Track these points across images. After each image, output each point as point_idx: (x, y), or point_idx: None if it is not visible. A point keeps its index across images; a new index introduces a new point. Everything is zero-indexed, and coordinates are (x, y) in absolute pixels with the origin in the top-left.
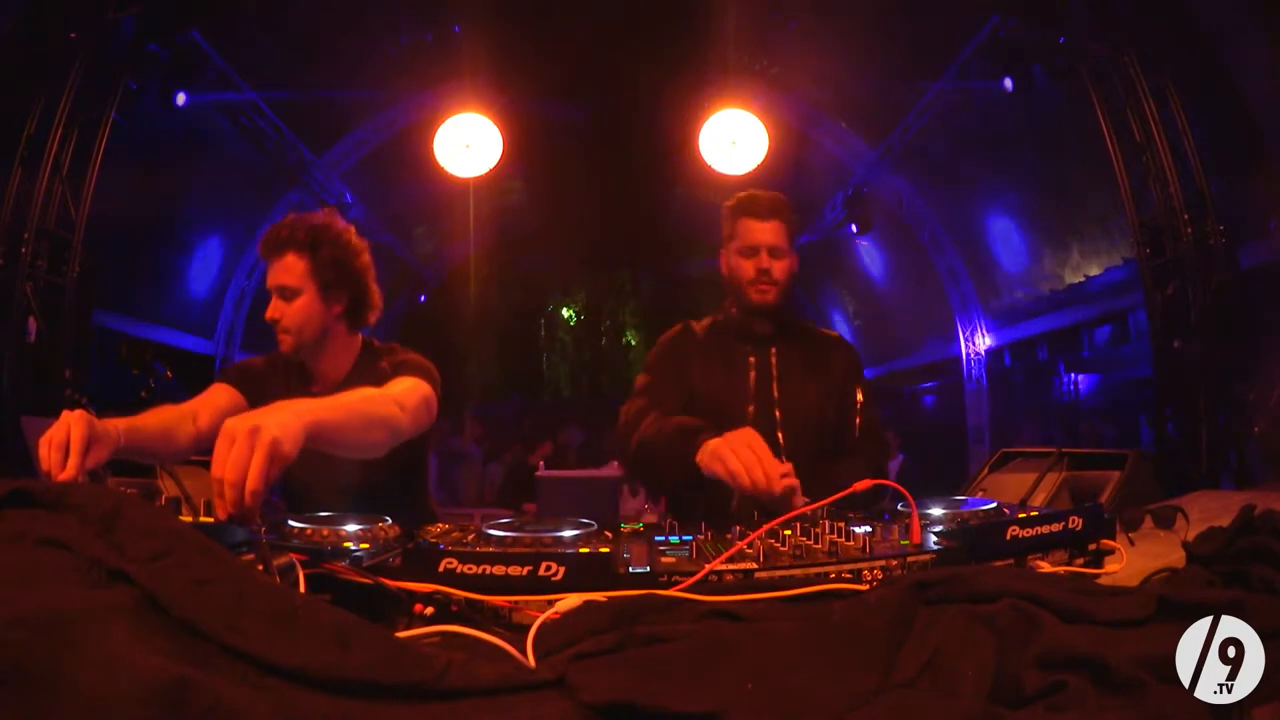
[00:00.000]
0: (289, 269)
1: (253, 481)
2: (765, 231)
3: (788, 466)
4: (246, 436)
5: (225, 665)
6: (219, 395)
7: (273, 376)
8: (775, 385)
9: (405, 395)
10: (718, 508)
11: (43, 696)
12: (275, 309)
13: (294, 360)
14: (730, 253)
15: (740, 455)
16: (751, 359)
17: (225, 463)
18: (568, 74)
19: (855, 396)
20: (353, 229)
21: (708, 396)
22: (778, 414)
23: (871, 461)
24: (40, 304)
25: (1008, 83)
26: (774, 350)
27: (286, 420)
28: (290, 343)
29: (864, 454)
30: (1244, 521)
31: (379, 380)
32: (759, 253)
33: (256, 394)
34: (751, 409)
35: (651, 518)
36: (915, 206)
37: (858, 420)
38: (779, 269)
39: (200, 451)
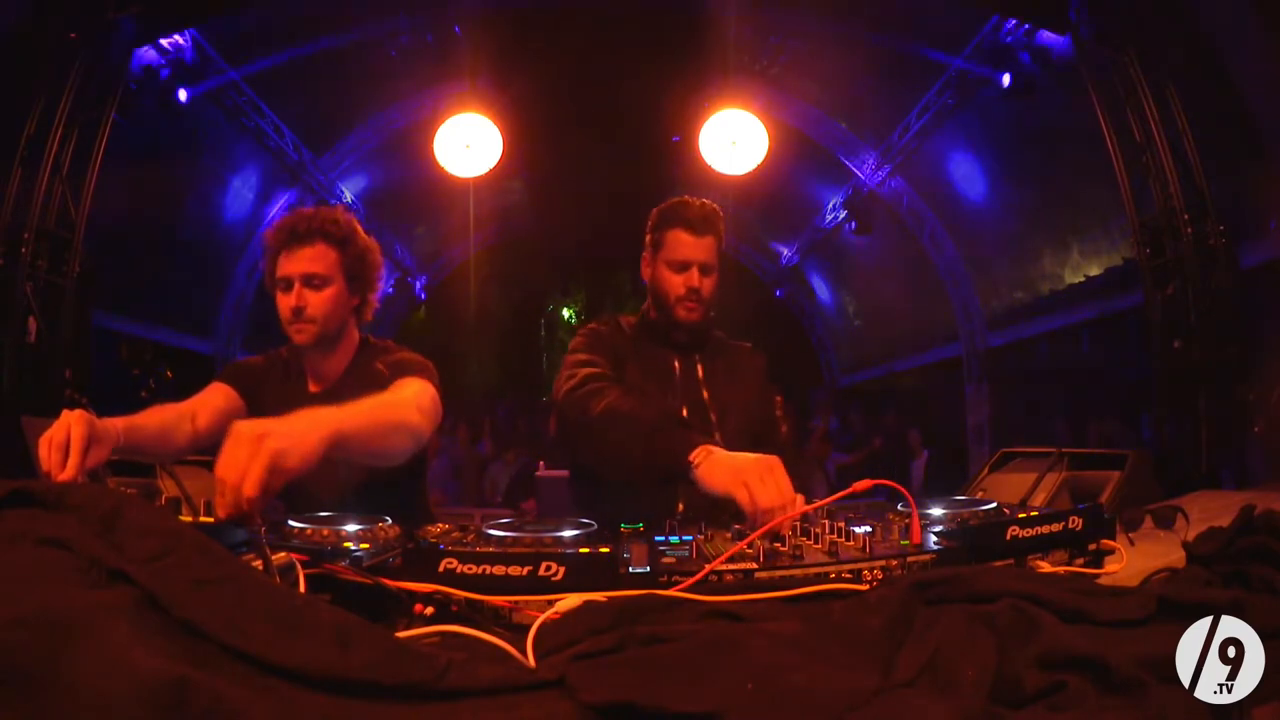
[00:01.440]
0: (321, 257)
1: (248, 487)
2: (697, 248)
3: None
4: (251, 442)
5: (225, 665)
6: (216, 395)
7: (270, 376)
8: (704, 390)
9: (419, 397)
10: (662, 505)
11: (43, 696)
12: (299, 297)
13: (293, 358)
14: (658, 262)
15: (768, 489)
16: (676, 364)
17: (228, 463)
18: (568, 74)
19: (775, 402)
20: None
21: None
22: (713, 417)
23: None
24: (40, 304)
25: (1005, 78)
26: (697, 358)
27: (301, 431)
28: (313, 333)
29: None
30: (1244, 521)
31: (375, 380)
32: (689, 269)
33: (254, 393)
34: (685, 411)
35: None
36: (915, 206)
37: (783, 426)
38: (708, 286)
39: (199, 451)
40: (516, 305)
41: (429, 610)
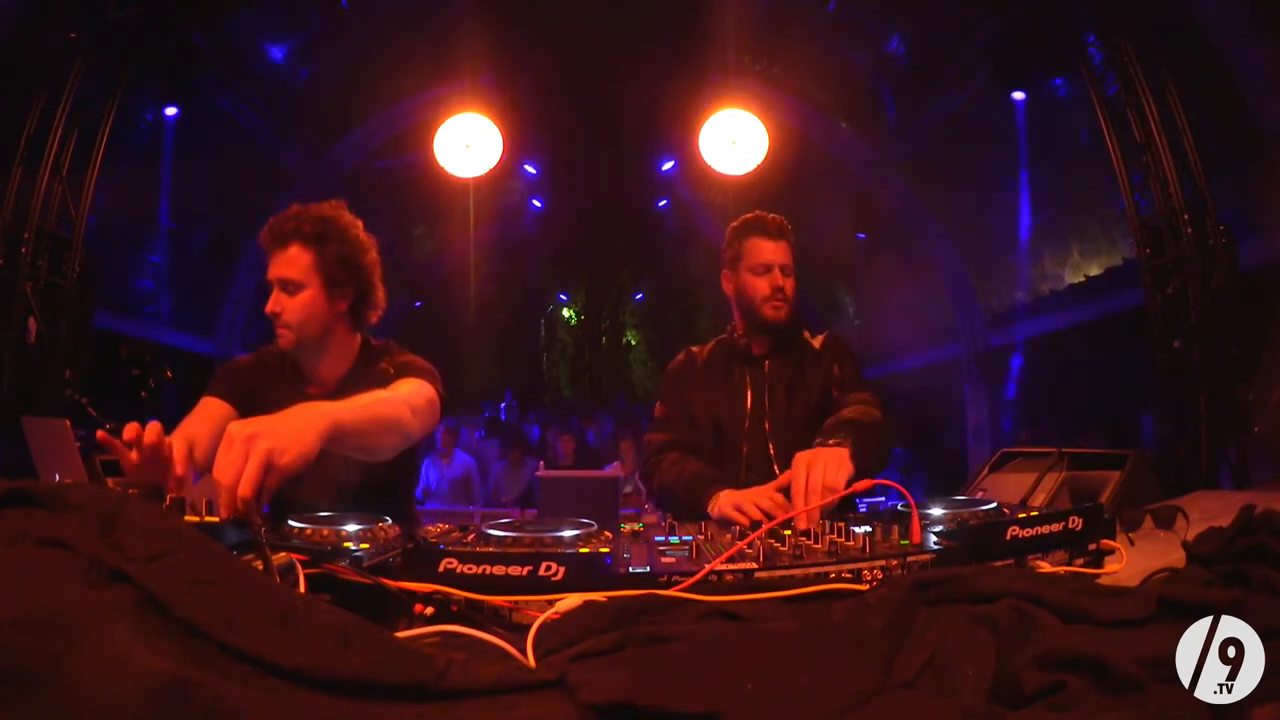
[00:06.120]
0: (292, 261)
1: (242, 488)
2: (776, 251)
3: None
4: (244, 442)
5: (225, 665)
6: (207, 420)
7: (265, 375)
8: (766, 398)
9: (413, 397)
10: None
11: (43, 697)
12: (275, 302)
13: (289, 358)
14: (740, 272)
15: (752, 503)
16: (748, 377)
17: (222, 465)
18: (568, 74)
19: (834, 374)
20: (360, 224)
21: (710, 417)
22: (767, 426)
23: (864, 401)
24: (40, 304)
25: (1018, 95)
26: (767, 364)
27: (297, 428)
28: (290, 339)
29: (853, 401)
30: (1244, 521)
31: (381, 381)
32: (772, 270)
33: (249, 396)
34: (747, 425)
35: (651, 517)
36: (915, 206)
37: (834, 392)
38: (790, 286)
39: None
40: (516, 305)
41: (429, 610)
